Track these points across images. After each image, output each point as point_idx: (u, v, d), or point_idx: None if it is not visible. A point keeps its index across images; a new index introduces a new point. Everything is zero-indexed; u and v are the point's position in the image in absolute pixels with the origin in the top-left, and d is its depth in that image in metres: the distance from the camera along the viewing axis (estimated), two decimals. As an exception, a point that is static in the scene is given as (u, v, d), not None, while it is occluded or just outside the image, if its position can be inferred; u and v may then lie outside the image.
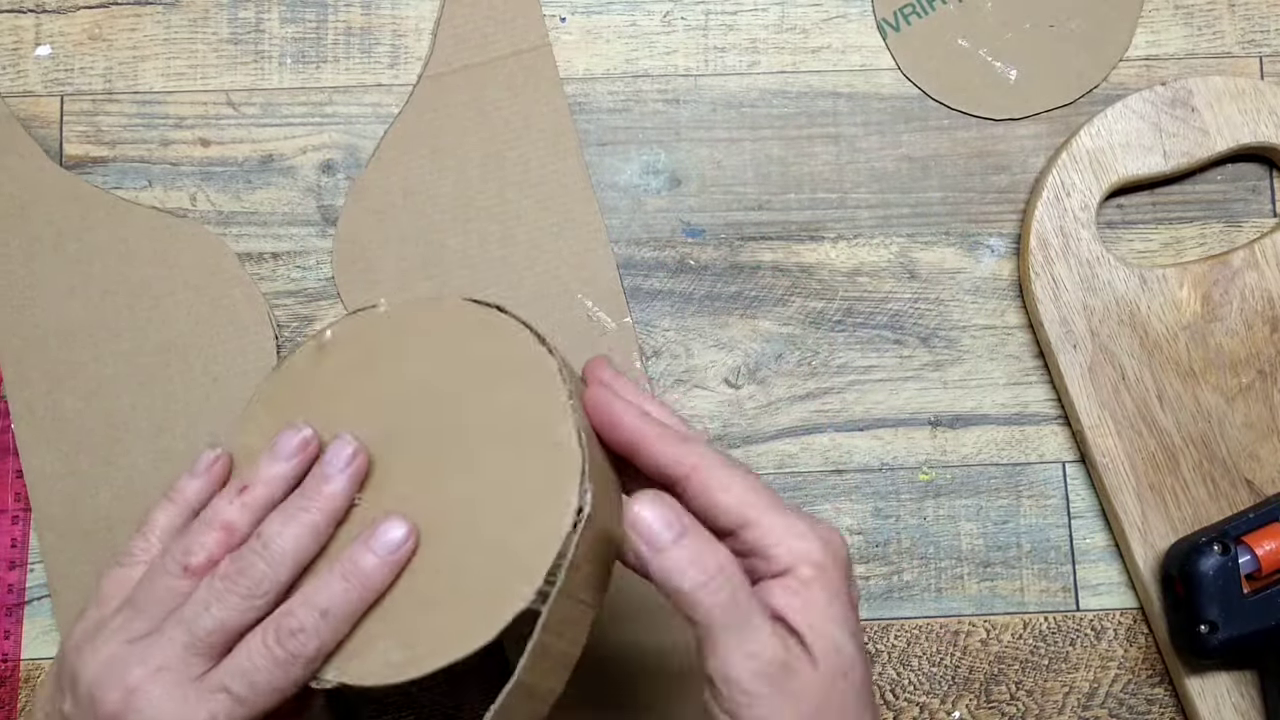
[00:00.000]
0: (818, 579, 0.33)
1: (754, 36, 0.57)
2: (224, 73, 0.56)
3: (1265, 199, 0.57)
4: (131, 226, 0.54)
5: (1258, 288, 0.54)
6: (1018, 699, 0.53)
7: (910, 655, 0.54)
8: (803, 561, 0.34)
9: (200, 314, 0.54)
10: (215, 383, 0.54)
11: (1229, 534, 0.49)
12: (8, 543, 0.53)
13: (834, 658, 0.33)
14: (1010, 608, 0.54)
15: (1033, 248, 0.54)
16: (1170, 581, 0.50)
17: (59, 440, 0.53)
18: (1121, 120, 0.55)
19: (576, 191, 0.55)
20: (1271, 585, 0.49)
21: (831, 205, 0.56)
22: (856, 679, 0.33)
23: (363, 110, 0.56)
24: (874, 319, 0.56)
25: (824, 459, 0.55)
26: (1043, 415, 0.55)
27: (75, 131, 0.56)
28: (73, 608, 0.52)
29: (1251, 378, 0.54)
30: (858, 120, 0.57)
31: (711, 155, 0.57)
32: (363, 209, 0.55)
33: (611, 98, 0.57)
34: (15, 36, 0.56)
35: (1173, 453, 0.53)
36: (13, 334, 0.54)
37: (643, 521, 0.34)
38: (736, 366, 0.55)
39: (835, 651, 0.33)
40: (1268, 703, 0.51)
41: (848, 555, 0.35)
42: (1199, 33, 0.57)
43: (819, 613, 0.33)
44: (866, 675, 0.34)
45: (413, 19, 0.57)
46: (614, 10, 0.57)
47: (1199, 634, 0.49)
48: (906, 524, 0.55)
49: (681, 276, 0.56)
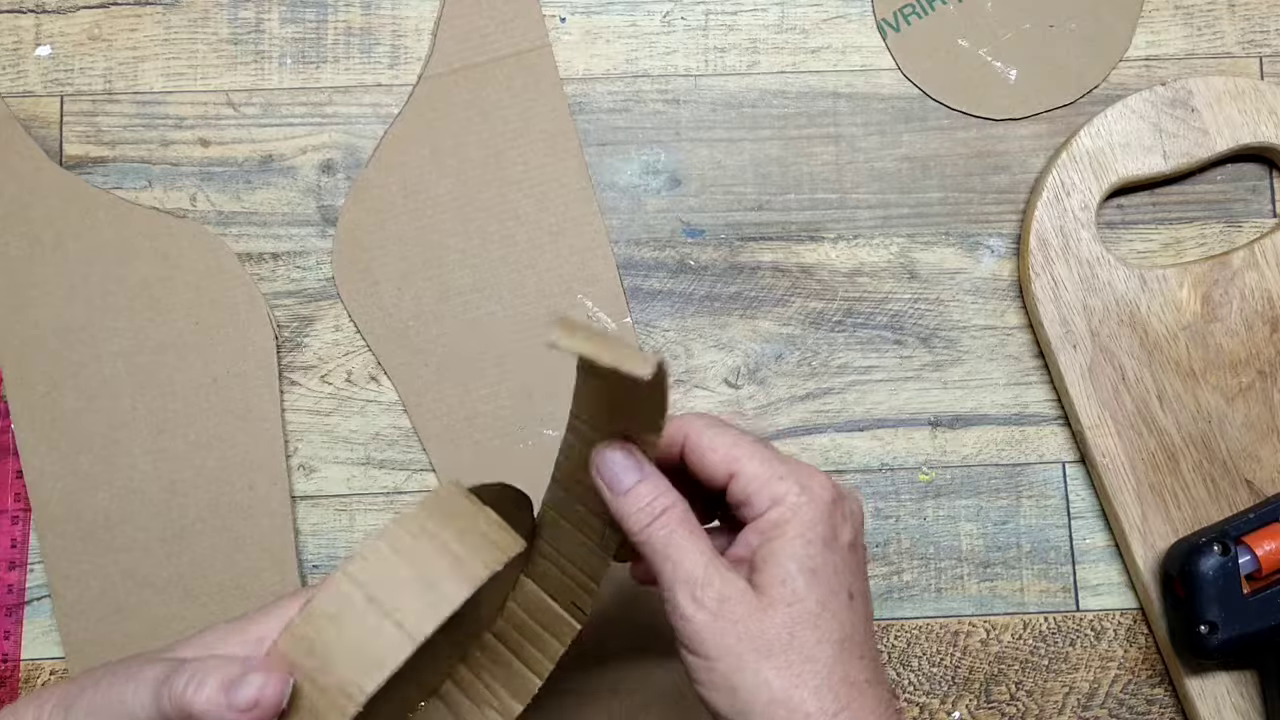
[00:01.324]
0: (791, 520, 0.35)
1: (754, 37, 0.57)
2: (224, 73, 0.56)
3: (1265, 199, 0.57)
4: (132, 227, 0.54)
5: (1258, 288, 0.54)
6: (1018, 699, 0.53)
7: (910, 655, 0.54)
8: (776, 504, 0.36)
9: (200, 314, 0.54)
10: (215, 383, 0.54)
11: (1229, 534, 0.49)
12: (8, 543, 0.53)
13: (780, 590, 0.35)
14: (1010, 608, 0.54)
15: (1033, 248, 0.54)
16: (1170, 582, 0.50)
17: (59, 440, 0.53)
18: (1121, 120, 0.55)
19: (577, 191, 0.55)
20: (1272, 585, 0.49)
21: (831, 205, 0.56)
22: (808, 613, 0.35)
23: (363, 110, 0.56)
24: (874, 319, 0.56)
25: (824, 459, 0.55)
26: (1043, 415, 0.55)
27: (75, 131, 0.56)
28: (73, 607, 0.52)
29: (1251, 378, 0.54)
30: (858, 120, 0.57)
31: (711, 155, 0.57)
32: (363, 209, 0.55)
33: (611, 98, 0.57)
34: (15, 36, 0.56)
35: (1173, 453, 0.53)
36: (13, 334, 0.54)
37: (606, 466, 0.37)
38: (736, 367, 0.55)
39: (782, 585, 0.35)
40: (1267, 703, 0.51)
41: (833, 500, 0.37)
42: (1199, 33, 0.57)
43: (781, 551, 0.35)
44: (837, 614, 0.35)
45: (413, 19, 0.57)
46: (614, 10, 0.57)
47: (1199, 634, 0.49)
48: (906, 524, 0.55)
49: (681, 276, 0.56)
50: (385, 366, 0.54)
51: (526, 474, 0.43)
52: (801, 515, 0.36)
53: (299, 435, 0.54)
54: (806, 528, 0.35)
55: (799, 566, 0.35)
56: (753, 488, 0.36)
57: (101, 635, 0.52)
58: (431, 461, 0.54)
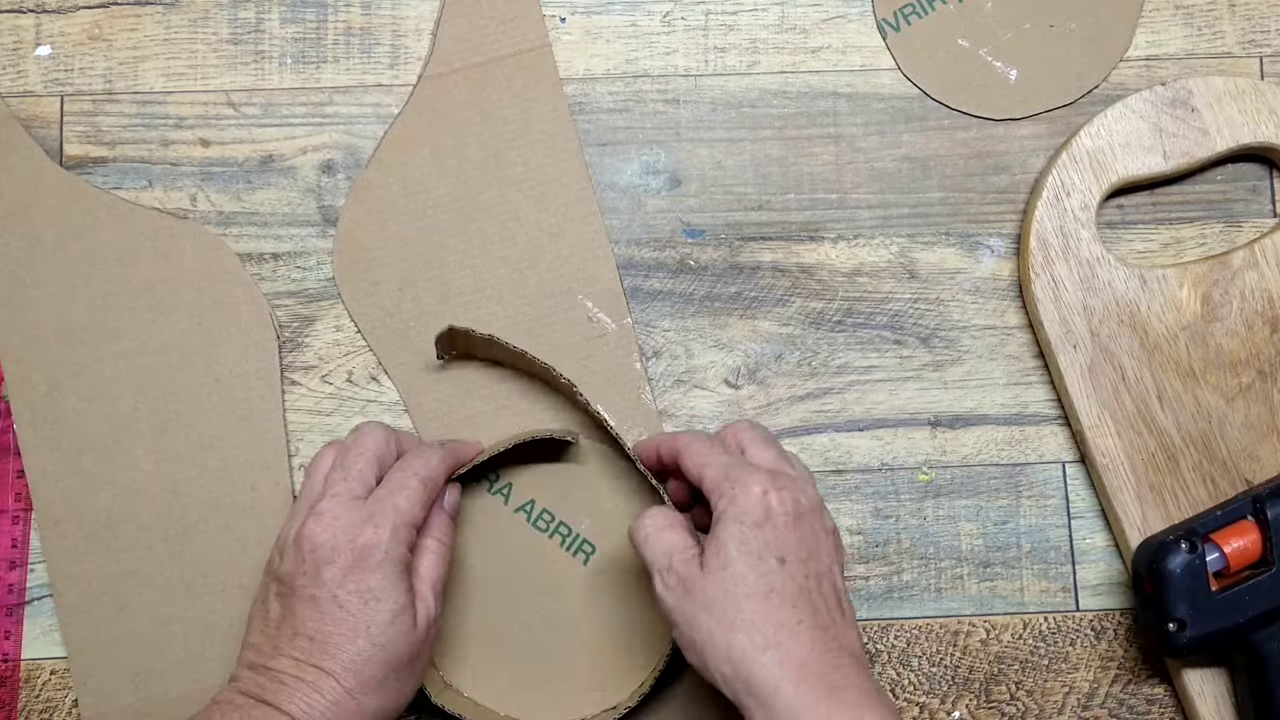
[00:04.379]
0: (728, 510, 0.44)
1: (754, 37, 0.57)
2: (224, 73, 0.56)
3: (1265, 199, 0.57)
4: (133, 227, 0.55)
5: (1258, 288, 0.54)
6: (1018, 699, 0.53)
7: (910, 655, 0.54)
8: (720, 498, 0.45)
9: (202, 315, 0.54)
10: (217, 383, 0.54)
11: (1197, 532, 0.49)
12: (8, 543, 0.53)
13: (716, 560, 0.44)
14: (1010, 608, 0.54)
15: (1033, 248, 0.54)
16: (1139, 579, 0.50)
17: (60, 440, 0.53)
18: (1121, 120, 0.55)
19: (577, 192, 0.55)
20: (1240, 583, 0.49)
21: (831, 205, 0.56)
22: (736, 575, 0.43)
23: (363, 110, 0.56)
24: (874, 319, 0.56)
25: (824, 459, 0.55)
26: (1043, 415, 0.55)
27: (75, 131, 0.56)
28: (75, 607, 0.52)
29: (1251, 378, 0.54)
30: (858, 120, 0.57)
31: (711, 155, 0.57)
32: (363, 209, 0.55)
33: (611, 98, 0.57)
34: (15, 36, 0.56)
35: (1173, 453, 0.53)
36: (13, 334, 0.54)
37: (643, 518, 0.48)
38: (736, 367, 0.55)
39: (717, 556, 0.44)
40: (1238, 701, 0.51)
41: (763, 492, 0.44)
42: (1199, 33, 0.57)
43: (721, 532, 0.44)
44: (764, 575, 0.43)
45: (413, 19, 0.57)
46: (614, 10, 0.57)
47: (1168, 632, 0.49)
48: (906, 524, 0.55)
49: (681, 277, 0.56)
50: (386, 367, 0.54)
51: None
52: (736, 505, 0.44)
53: (300, 435, 0.54)
54: (741, 514, 0.44)
55: (731, 542, 0.44)
56: (708, 486, 0.46)
57: (103, 634, 0.52)
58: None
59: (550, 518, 0.54)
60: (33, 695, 0.52)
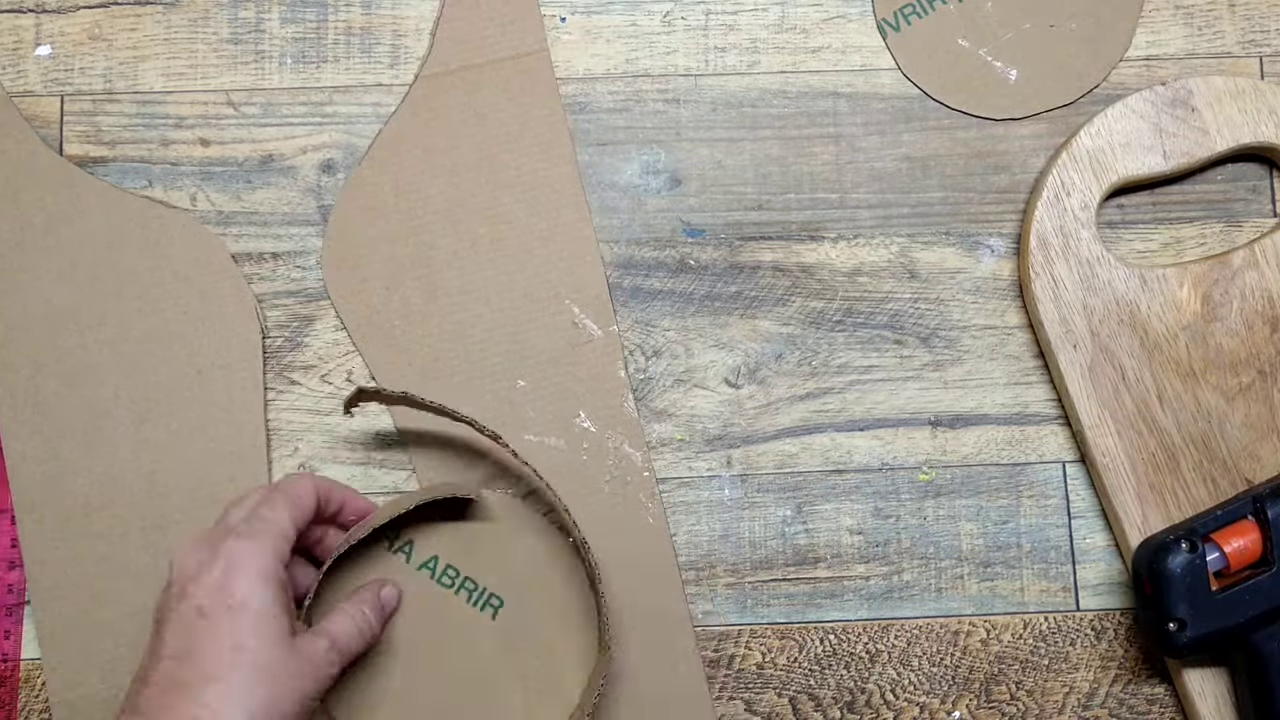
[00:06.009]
0: None
1: (754, 36, 0.57)
2: (224, 73, 0.56)
3: (1265, 199, 0.57)
4: (123, 214, 0.54)
5: (1258, 288, 0.54)
6: (1018, 699, 0.53)
7: (910, 655, 0.54)
8: None
9: (188, 305, 0.54)
10: (199, 375, 0.54)
11: (1197, 532, 0.49)
12: (8, 542, 0.53)
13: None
14: (1010, 608, 0.54)
15: (1033, 248, 0.54)
16: (1140, 579, 0.50)
17: (41, 424, 0.53)
18: (1121, 120, 0.55)
19: (568, 197, 0.55)
20: (1240, 582, 0.49)
21: (831, 205, 0.56)
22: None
23: (363, 110, 0.56)
24: (874, 319, 0.56)
25: (824, 459, 0.55)
26: (1043, 415, 0.55)
27: (75, 131, 0.56)
28: (48, 592, 0.52)
29: (1251, 378, 0.54)
30: (858, 120, 0.57)
31: (711, 155, 0.57)
32: (355, 206, 0.55)
33: (611, 98, 0.57)
34: (15, 36, 0.56)
35: (1173, 453, 0.53)
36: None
37: None
38: (736, 366, 0.55)
39: None
40: (1238, 701, 0.51)
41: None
42: (1199, 33, 0.57)
43: None
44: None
45: (413, 19, 0.57)
46: (614, 10, 0.57)
47: (1168, 632, 0.49)
48: (906, 524, 0.55)
49: (681, 276, 0.56)
50: (370, 366, 0.54)
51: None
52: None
53: (299, 435, 0.54)
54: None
55: None
56: None
57: (75, 621, 0.52)
58: (412, 462, 0.54)
59: (455, 573, 0.52)
60: (33, 695, 0.52)
